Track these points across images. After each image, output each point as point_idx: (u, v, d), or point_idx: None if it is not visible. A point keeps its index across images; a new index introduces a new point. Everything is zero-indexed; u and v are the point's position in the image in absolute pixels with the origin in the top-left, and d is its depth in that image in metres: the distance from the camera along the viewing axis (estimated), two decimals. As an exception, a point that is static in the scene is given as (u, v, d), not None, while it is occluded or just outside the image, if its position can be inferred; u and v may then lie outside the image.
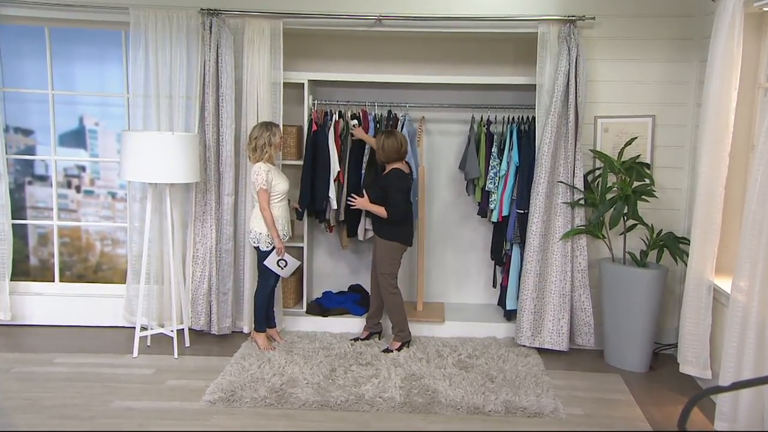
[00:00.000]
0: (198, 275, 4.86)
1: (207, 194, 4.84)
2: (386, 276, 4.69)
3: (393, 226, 4.64)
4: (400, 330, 4.75)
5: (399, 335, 4.76)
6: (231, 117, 4.78)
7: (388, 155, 4.61)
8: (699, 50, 4.71)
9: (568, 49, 4.60)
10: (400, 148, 4.60)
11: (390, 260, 4.67)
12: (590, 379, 4.42)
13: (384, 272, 4.69)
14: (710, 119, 3.99)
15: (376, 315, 4.93)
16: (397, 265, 4.71)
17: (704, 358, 4.10)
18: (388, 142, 4.58)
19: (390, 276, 4.69)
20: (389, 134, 4.63)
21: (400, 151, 4.61)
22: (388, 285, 4.69)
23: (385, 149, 4.59)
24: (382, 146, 4.60)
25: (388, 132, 4.67)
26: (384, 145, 4.59)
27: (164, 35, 4.74)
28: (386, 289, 4.70)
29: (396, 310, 4.73)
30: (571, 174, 4.73)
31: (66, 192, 5.39)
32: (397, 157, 4.62)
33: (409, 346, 4.78)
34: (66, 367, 4.40)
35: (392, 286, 4.70)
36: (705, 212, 4.04)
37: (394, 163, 4.63)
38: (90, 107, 5.35)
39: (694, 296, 4.11)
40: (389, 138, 4.60)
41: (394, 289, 4.70)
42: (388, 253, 4.66)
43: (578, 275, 4.78)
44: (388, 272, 4.68)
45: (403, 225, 4.67)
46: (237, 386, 4.07)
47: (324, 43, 5.29)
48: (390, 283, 4.69)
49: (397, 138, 4.61)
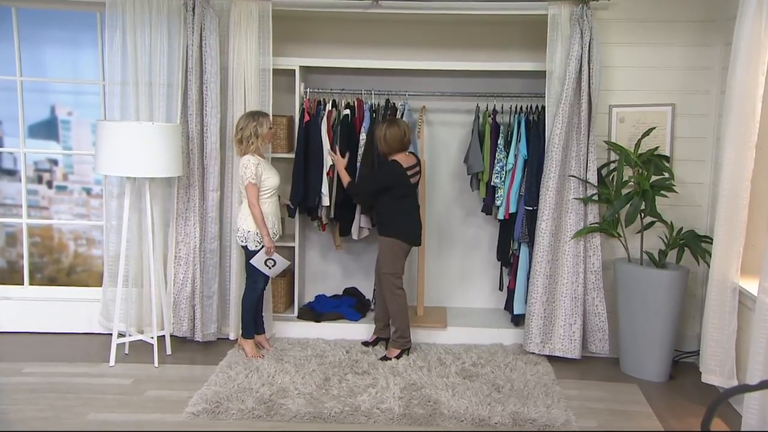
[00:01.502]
0: (180, 277, 4.85)
1: (190, 190, 4.82)
2: (388, 276, 4.67)
3: (394, 222, 4.62)
4: (401, 336, 4.73)
5: (398, 341, 4.73)
6: (216, 106, 4.76)
7: (390, 146, 4.58)
8: (723, 33, 4.69)
9: (580, 32, 4.58)
10: (404, 137, 4.58)
11: (392, 258, 4.65)
12: (605, 389, 4.41)
13: (386, 272, 4.67)
14: (735, 108, 3.96)
15: (383, 318, 4.91)
16: (400, 264, 4.68)
17: (729, 367, 4.08)
18: (390, 132, 4.55)
19: (393, 276, 4.66)
20: (391, 123, 4.61)
21: (404, 141, 4.58)
22: (391, 285, 4.67)
23: (388, 140, 4.56)
24: (384, 136, 4.57)
25: (391, 120, 4.64)
26: (386, 135, 4.56)
27: (143, 17, 4.71)
28: (389, 289, 4.68)
29: (399, 313, 4.71)
30: (583, 168, 4.72)
31: (36, 187, 5.38)
32: (400, 148, 4.59)
33: (408, 353, 4.75)
34: (36, 377, 4.37)
35: (395, 287, 4.68)
36: (729, 208, 4.02)
37: (396, 153, 4.60)
38: (62, 95, 5.34)
39: (717, 299, 4.09)
40: (392, 127, 4.57)
41: (398, 290, 4.68)
42: (390, 250, 4.64)
43: (591, 277, 4.76)
44: (390, 271, 4.66)
45: (405, 221, 4.65)
46: (222, 397, 4.05)
47: (317, 26, 5.27)
48: (393, 283, 4.67)
49: (401, 127, 4.58)
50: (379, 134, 4.60)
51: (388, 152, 4.61)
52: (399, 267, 4.67)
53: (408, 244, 4.68)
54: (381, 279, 4.73)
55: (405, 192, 4.63)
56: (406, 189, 4.63)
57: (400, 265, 4.68)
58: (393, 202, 4.62)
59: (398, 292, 4.68)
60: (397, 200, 4.61)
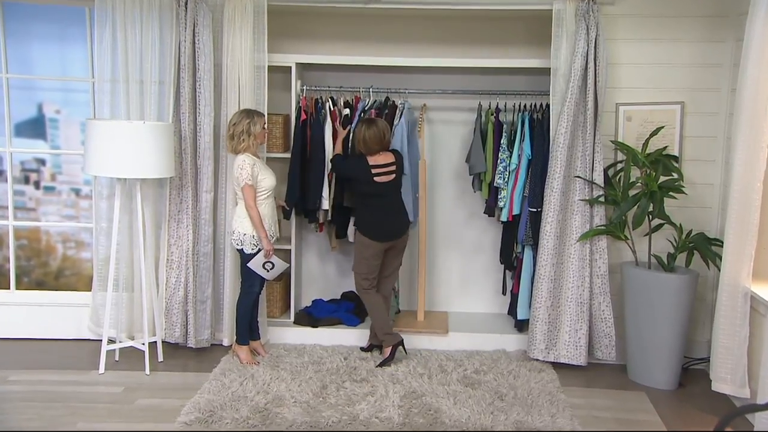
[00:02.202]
0: (173, 281, 4.83)
1: (183, 191, 4.81)
2: (355, 274, 4.77)
3: (361, 217, 4.71)
4: (385, 333, 4.75)
5: (386, 338, 4.74)
6: (210, 104, 4.75)
7: (370, 147, 4.60)
8: (734, 28, 4.68)
9: (586, 27, 4.57)
10: (383, 137, 4.60)
11: (359, 255, 4.72)
12: (612, 397, 4.40)
13: (353, 269, 4.78)
14: (746, 106, 3.95)
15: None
16: (366, 265, 4.70)
17: (740, 375, 4.07)
18: (369, 133, 4.57)
19: (359, 275, 4.74)
20: (370, 123, 4.62)
21: (383, 142, 4.61)
22: (357, 284, 4.77)
23: (367, 141, 4.59)
24: (363, 138, 4.58)
25: (369, 120, 4.65)
26: (365, 136, 4.57)
27: (134, 12, 4.70)
28: (357, 288, 4.80)
29: (371, 310, 4.77)
30: (589, 168, 4.71)
31: (23, 188, 5.36)
32: (379, 148, 4.61)
33: (403, 345, 4.75)
34: (23, 385, 4.36)
35: (360, 286, 4.75)
36: (740, 210, 4.01)
37: (376, 155, 4.62)
38: (50, 93, 5.33)
39: (728, 305, 4.08)
40: (371, 128, 4.58)
41: (362, 290, 4.76)
42: (357, 247, 4.74)
43: (598, 281, 4.75)
44: (356, 270, 4.75)
45: (374, 218, 4.67)
46: (216, 406, 4.04)
47: (314, 21, 5.25)
48: (359, 283, 4.76)
49: (379, 127, 4.61)
50: (358, 135, 4.62)
51: (367, 153, 4.62)
52: (364, 268, 4.69)
53: (375, 240, 4.66)
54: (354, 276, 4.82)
55: (369, 190, 4.64)
56: (370, 187, 4.63)
57: (366, 266, 4.69)
58: (362, 197, 4.72)
59: (364, 292, 4.75)
60: (365, 197, 4.69)
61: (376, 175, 4.60)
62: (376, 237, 4.66)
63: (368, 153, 4.61)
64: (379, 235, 4.67)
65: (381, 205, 4.68)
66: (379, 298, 4.77)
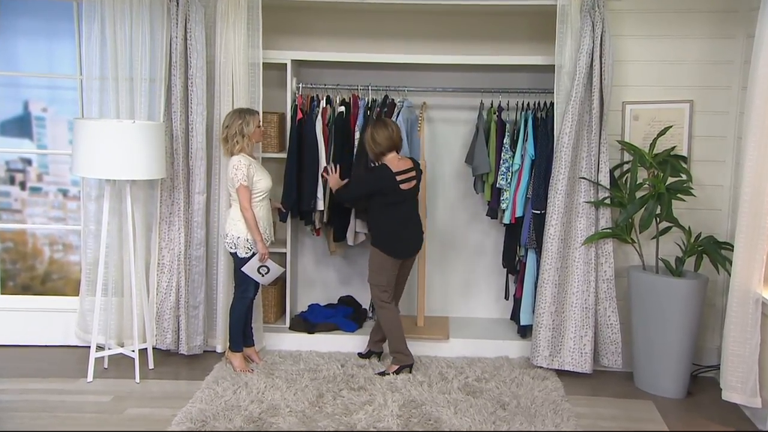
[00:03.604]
0: (164, 286, 4.82)
1: (174, 192, 4.80)
2: (373, 287, 4.69)
3: (381, 233, 4.61)
4: (397, 351, 4.71)
5: (396, 357, 4.72)
6: (202, 103, 4.74)
7: (381, 146, 4.56)
8: (745, 24, 4.67)
9: (592, 24, 4.56)
10: (393, 136, 4.56)
11: (376, 269, 4.65)
12: (618, 406, 4.40)
13: (371, 282, 4.70)
14: (757, 104, 3.94)
15: (377, 332, 4.90)
16: (386, 277, 4.64)
17: (751, 384, 4.05)
18: (379, 133, 4.53)
19: (378, 288, 4.67)
20: (379, 123, 4.59)
21: (394, 140, 4.57)
22: (376, 297, 4.69)
23: (377, 140, 4.54)
24: (372, 138, 4.55)
25: (380, 121, 4.62)
26: (375, 136, 4.54)
27: (124, 7, 4.68)
28: (375, 301, 4.72)
29: (387, 327, 4.69)
30: (594, 169, 4.70)
31: (9, 189, 5.35)
32: (390, 146, 4.56)
33: (411, 371, 4.70)
34: (7, 394, 4.34)
35: (380, 299, 4.67)
36: (751, 213, 4.00)
37: (387, 155, 4.58)
38: (37, 90, 5.31)
39: (738, 310, 4.07)
40: (380, 127, 4.55)
41: (381, 303, 4.68)
42: (375, 260, 4.66)
43: (603, 286, 4.75)
44: (374, 282, 4.68)
45: (393, 232, 4.62)
46: (209, 415, 4.02)
47: (310, 16, 5.24)
48: (377, 295, 4.68)
49: (389, 126, 4.58)
50: (367, 136, 4.58)
51: (379, 154, 4.58)
52: (383, 279, 4.64)
53: (392, 257, 4.62)
54: (370, 288, 4.74)
55: (394, 199, 4.58)
56: (396, 195, 4.58)
57: (385, 278, 4.64)
58: (382, 209, 4.60)
59: (384, 306, 4.66)
60: (386, 207, 4.59)
61: (401, 182, 4.57)
62: (396, 254, 4.63)
63: (380, 154, 4.57)
64: (400, 252, 4.65)
65: (401, 215, 4.63)
66: (398, 313, 4.73)
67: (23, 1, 5.05)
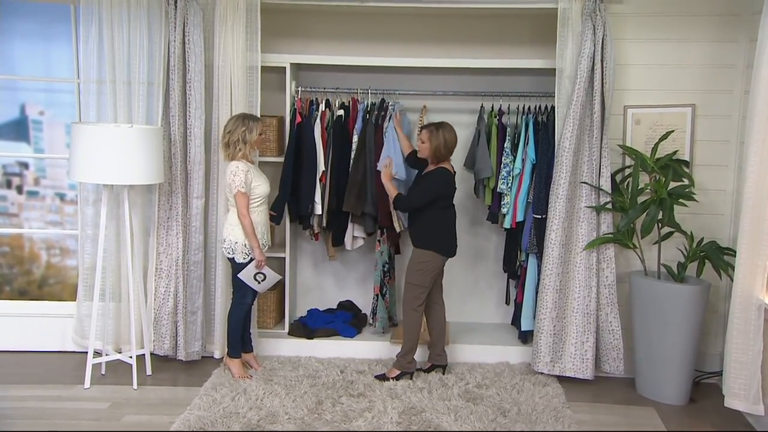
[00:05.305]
0: (162, 291, 4.82)
1: (172, 197, 4.80)
2: (414, 287, 4.66)
3: (434, 234, 4.64)
4: (404, 355, 4.71)
5: (400, 361, 4.72)
6: (200, 107, 4.75)
7: (450, 151, 4.62)
8: (747, 28, 4.68)
9: (593, 27, 4.57)
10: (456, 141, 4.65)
11: (424, 270, 4.63)
12: (619, 412, 4.40)
13: (413, 281, 4.66)
14: (760, 108, 3.94)
15: (434, 344, 4.86)
16: (431, 278, 4.66)
17: (754, 391, 4.05)
18: (449, 137, 4.58)
19: (419, 288, 4.64)
20: (446, 127, 4.61)
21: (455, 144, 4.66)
22: (414, 299, 4.66)
23: (448, 145, 4.59)
24: (444, 143, 4.56)
25: (443, 125, 4.62)
26: (447, 141, 4.57)
27: (121, 10, 4.69)
28: (409, 303, 4.68)
29: (409, 330, 4.70)
30: (596, 173, 4.70)
31: (5, 193, 5.36)
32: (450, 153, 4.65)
33: (412, 378, 4.70)
34: (4, 401, 4.34)
35: (416, 302, 4.65)
36: (754, 218, 4.00)
37: (446, 161, 4.64)
38: (34, 94, 5.32)
39: (741, 317, 4.07)
40: (450, 131, 4.59)
41: (416, 306, 4.67)
42: (422, 261, 4.64)
43: (605, 291, 4.75)
44: (417, 282, 4.65)
45: (445, 232, 4.68)
46: (207, 422, 4.02)
47: (309, 20, 5.25)
48: (416, 296, 4.65)
49: (453, 131, 4.63)
50: (439, 140, 4.56)
51: (441, 159, 4.62)
52: (427, 280, 4.65)
53: (444, 256, 4.68)
54: (404, 288, 4.72)
55: (450, 201, 4.69)
56: (451, 198, 4.70)
57: (430, 279, 4.66)
58: (438, 211, 4.64)
59: (418, 309, 4.67)
60: (441, 210, 4.65)
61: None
62: (450, 253, 4.71)
63: (442, 159, 4.61)
64: (452, 250, 4.73)
65: (453, 215, 4.74)
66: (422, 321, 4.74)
67: (21, 3, 5.05)
